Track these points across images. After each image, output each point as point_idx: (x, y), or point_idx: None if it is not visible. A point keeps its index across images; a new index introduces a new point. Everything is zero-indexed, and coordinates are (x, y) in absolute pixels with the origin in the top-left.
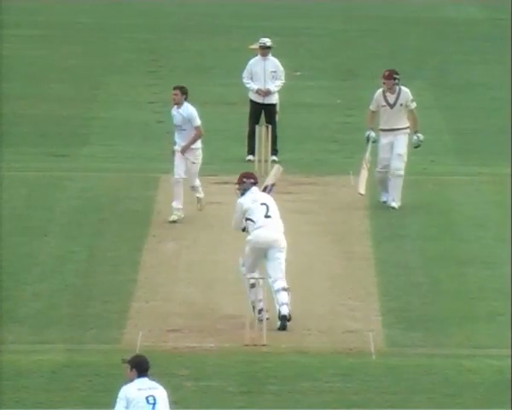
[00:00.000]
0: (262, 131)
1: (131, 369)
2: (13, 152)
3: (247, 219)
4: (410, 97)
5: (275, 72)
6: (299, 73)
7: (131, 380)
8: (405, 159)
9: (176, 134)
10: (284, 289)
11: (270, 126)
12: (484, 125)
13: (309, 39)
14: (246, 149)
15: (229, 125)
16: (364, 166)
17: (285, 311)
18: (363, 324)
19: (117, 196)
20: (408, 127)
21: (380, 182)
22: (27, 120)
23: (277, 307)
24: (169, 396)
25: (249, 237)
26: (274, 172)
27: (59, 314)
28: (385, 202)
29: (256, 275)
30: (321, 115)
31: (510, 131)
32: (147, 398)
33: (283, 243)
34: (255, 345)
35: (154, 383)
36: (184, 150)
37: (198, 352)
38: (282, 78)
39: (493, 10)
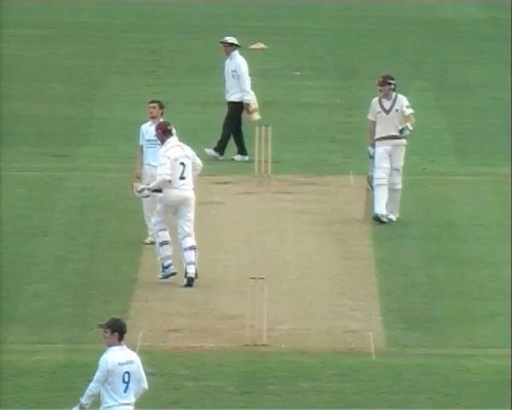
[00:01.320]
0: (262, 131)
1: (112, 333)
2: (13, 152)
3: None
4: (406, 103)
5: (234, 71)
6: (299, 73)
7: (111, 345)
8: (401, 171)
9: (147, 151)
10: (192, 248)
11: (270, 127)
12: (484, 125)
13: (309, 39)
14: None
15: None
16: (368, 187)
17: (191, 270)
18: (363, 324)
19: (117, 196)
20: (404, 137)
21: (380, 192)
22: (27, 120)
23: (184, 265)
24: (168, 395)
25: (161, 195)
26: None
27: (59, 314)
28: (378, 217)
29: (167, 234)
30: (321, 115)
31: (510, 131)
32: (123, 376)
33: (193, 200)
34: (255, 345)
35: (130, 354)
36: None
37: (198, 352)
38: (243, 78)
39: (493, 10)
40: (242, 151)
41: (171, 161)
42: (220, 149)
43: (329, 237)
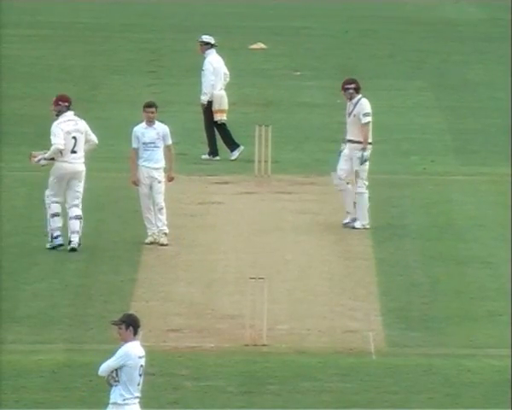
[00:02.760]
0: (262, 131)
1: (127, 328)
2: (13, 152)
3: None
4: (365, 111)
5: (203, 70)
6: (299, 73)
7: (127, 340)
8: (364, 175)
9: (143, 153)
10: (76, 217)
11: (270, 127)
12: (484, 125)
13: (309, 39)
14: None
15: (229, 125)
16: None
17: (75, 239)
18: (363, 324)
19: (117, 196)
20: (361, 142)
21: (341, 198)
22: (27, 120)
23: (69, 233)
24: (168, 395)
25: (53, 168)
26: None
27: (59, 314)
28: (347, 224)
29: (59, 207)
30: (321, 115)
31: (510, 131)
32: (139, 369)
33: (84, 173)
34: (255, 345)
35: (142, 349)
36: (172, 175)
37: (198, 352)
38: (206, 78)
39: (493, 10)
40: (210, 151)
41: (64, 134)
42: (211, 152)
43: (329, 237)
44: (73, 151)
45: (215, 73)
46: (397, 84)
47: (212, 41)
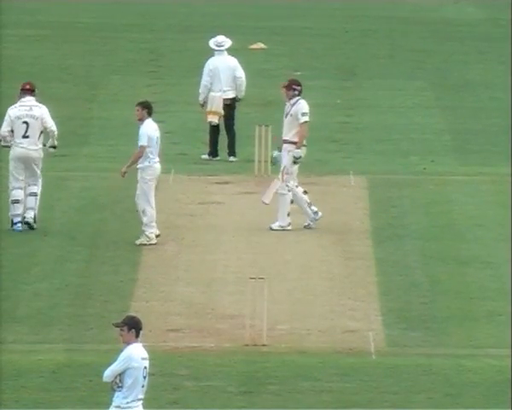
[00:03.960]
0: (262, 131)
1: (129, 330)
2: None
3: (12, 131)
4: (303, 110)
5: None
6: (299, 73)
7: (129, 342)
8: (288, 177)
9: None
10: (31, 194)
11: (270, 127)
12: (484, 125)
13: (309, 39)
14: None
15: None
16: (279, 176)
17: (29, 215)
18: (363, 324)
19: (117, 196)
20: (295, 142)
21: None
22: None
23: (25, 210)
24: (168, 395)
25: (10, 153)
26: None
27: (59, 314)
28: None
29: (21, 193)
30: (321, 115)
31: (510, 131)
32: (143, 371)
33: (39, 159)
34: (255, 345)
35: (145, 351)
36: (125, 171)
37: (198, 352)
38: (202, 75)
39: (493, 10)
40: (210, 152)
41: (12, 120)
42: (211, 152)
43: (329, 237)
44: (25, 136)
45: (212, 74)
46: (397, 84)
47: (212, 45)
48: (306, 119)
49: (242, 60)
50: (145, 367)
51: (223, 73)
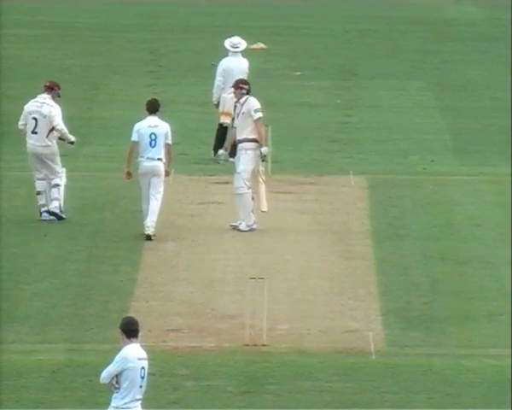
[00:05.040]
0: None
1: (122, 332)
2: (13, 152)
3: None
4: (255, 107)
5: None
6: (299, 73)
7: (125, 343)
8: (246, 176)
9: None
10: (54, 186)
11: (270, 127)
12: (484, 125)
13: (309, 39)
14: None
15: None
16: (260, 180)
17: (52, 205)
18: (363, 324)
19: (117, 196)
20: (252, 140)
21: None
22: None
23: (50, 200)
24: (168, 395)
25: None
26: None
27: (59, 314)
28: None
29: (41, 184)
30: (321, 115)
31: (510, 131)
32: (140, 371)
33: (49, 155)
34: (255, 345)
35: (143, 351)
36: (126, 170)
37: (198, 352)
38: (215, 75)
39: (493, 10)
40: (215, 148)
41: (25, 114)
42: (214, 148)
43: (329, 237)
44: (34, 132)
45: (224, 74)
46: (397, 84)
47: (227, 46)
48: (260, 114)
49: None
50: (143, 368)
51: (236, 74)
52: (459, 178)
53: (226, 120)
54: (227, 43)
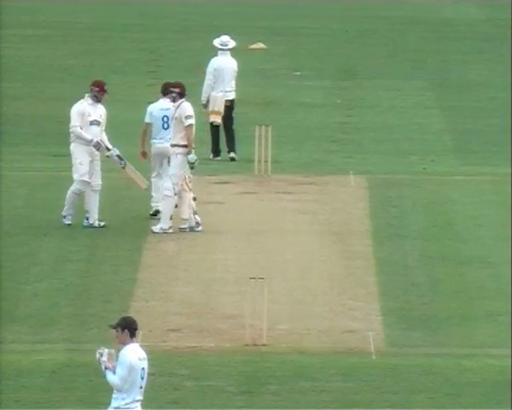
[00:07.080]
0: (262, 131)
1: (123, 330)
2: (13, 152)
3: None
4: (186, 113)
5: None
6: (299, 73)
7: (124, 343)
8: (175, 180)
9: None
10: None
11: (270, 127)
12: (484, 125)
13: (309, 39)
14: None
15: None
16: (186, 187)
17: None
18: (363, 324)
19: (117, 196)
20: (183, 146)
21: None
22: (27, 120)
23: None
24: (168, 395)
25: None
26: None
27: (59, 314)
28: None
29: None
30: (321, 115)
31: (510, 131)
32: (141, 372)
33: (71, 152)
34: (255, 345)
35: (143, 351)
36: (142, 150)
37: (198, 352)
38: (206, 75)
39: (493, 10)
40: (213, 151)
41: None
42: (214, 151)
43: (329, 237)
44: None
45: (215, 73)
46: (397, 84)
47: (217, 44)
48: (191, 121)
49: (242, 60)
50: (143, 368)
51: (226, 73)
52: (459, 178)
53: (217, 120)
54: (216, 41)
